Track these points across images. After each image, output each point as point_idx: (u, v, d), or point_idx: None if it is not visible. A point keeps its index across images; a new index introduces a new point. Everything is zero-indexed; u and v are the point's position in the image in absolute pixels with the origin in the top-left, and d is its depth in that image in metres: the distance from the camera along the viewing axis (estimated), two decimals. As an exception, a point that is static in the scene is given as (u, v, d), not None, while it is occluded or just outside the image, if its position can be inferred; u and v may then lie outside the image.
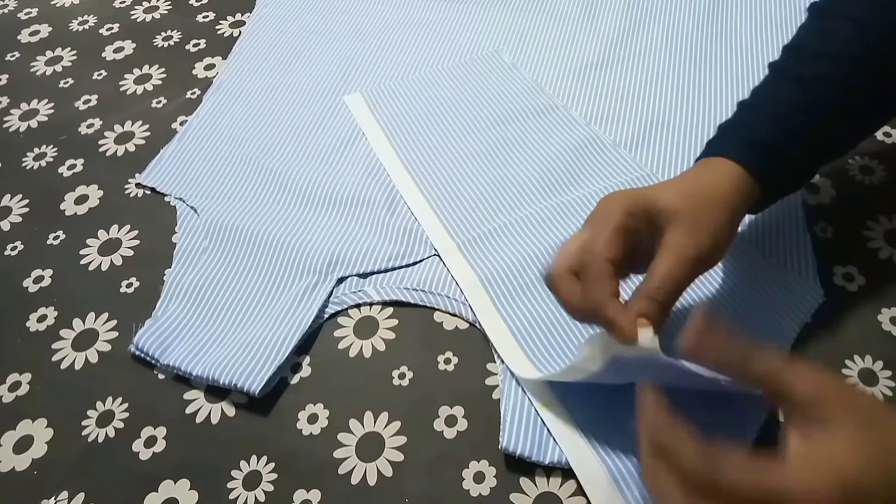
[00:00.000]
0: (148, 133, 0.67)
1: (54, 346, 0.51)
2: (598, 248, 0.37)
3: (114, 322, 0.52)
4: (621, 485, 0.40)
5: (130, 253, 0.57)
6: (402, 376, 0.48)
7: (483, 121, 0.63)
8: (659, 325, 0.37)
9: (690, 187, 0.40)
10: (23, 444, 0.46)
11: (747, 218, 0.53)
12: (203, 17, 0.80)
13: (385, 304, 0.52)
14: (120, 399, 0.48)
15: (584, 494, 0.41)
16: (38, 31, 0.80)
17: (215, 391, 0.48)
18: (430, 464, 0.44)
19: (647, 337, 0.35)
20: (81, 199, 0.61)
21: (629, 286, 0.47)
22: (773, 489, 0.28)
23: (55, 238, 0.59)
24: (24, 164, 0.65)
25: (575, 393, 0.44)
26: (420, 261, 0.54)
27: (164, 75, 0.73)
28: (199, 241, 0.56)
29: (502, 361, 0.47)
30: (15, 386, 0.49)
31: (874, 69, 0.42)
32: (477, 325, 0.49)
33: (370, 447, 0.44)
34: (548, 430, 0.43)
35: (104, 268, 0.56)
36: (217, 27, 0.79)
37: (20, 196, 0.62)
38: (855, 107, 0.43)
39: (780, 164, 0.42)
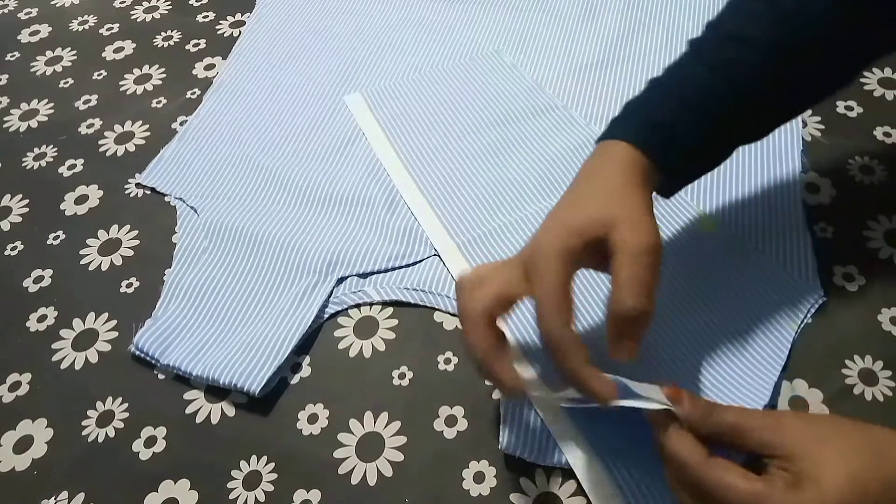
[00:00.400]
0: (148, 133, 0.67)
1: (54, 346, 0.51)
2: (553, 317, 0.35)
3: (114, 322, 0.52)
4: (621, 483, 0.40)
5: (130, 253, 0.57)
6: (402, 376, 0.48)
7: (483, 121, 0.63)
8: (640, 336, 0.37)
9: (605, 186, 0.39)
10: (23, 444, 0.46)
11: (747, 218, 0.53)
12: (203, 17, 0.80)
13: (385, 304, 0.52)
14: (120, 399, 0.48)
15: (584, 494, 0.41)
16: (38, 31, 0.80)
17: (215, 391, 0.48)
18: (430, 464, 0.44)
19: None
20: (81, 199, 0.61)
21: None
22: None
23: (55, 238, 0.59)
24: (24, 164, 0.65)
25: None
26: (420, 261, 0.54)
27: (164, 75, 0.73)
28: (199, 241, 0.56)
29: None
30: (15, 386, 0.49)
31: (792, 56, 0.40)
32: (477, 325, 0.49)
33: (370, 447, 0.44)
34: (547, 430, 0.43)
35: (104, 268, 0.56)
36: (217, 27, 0.79)
37: (20, 196, 0.62)
38: (769, 92, 0.41)
39: (679, 146, 0.41)
